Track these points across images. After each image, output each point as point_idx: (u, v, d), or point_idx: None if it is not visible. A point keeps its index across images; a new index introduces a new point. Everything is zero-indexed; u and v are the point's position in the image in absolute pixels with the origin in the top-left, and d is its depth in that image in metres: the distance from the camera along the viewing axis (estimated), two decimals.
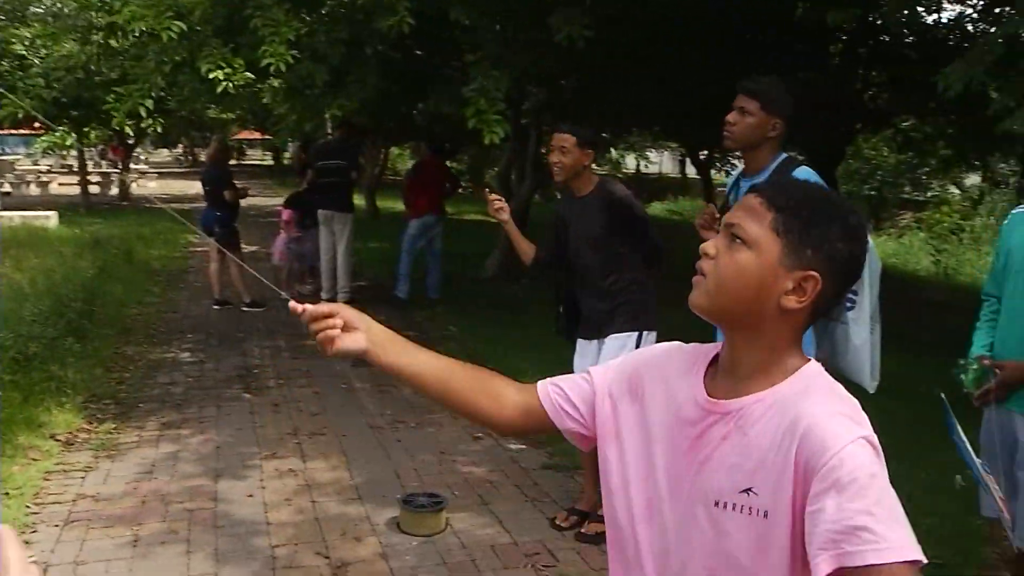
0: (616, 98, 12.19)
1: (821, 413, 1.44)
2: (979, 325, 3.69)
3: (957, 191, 25.92)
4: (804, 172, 3.87)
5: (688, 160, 28.95)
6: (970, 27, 12.59)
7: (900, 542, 1.32)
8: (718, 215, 3.95)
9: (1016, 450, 3.47)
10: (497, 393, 1.79)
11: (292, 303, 1.71)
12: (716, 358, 1.65)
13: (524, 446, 6.14)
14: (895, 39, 13.04)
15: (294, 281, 11.32)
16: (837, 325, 4.09)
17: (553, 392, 1.76)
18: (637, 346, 4.61)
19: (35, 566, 0.90)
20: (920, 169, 24.43)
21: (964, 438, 3.29)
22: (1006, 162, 20.52)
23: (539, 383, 1.78)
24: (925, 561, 1.31)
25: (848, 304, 4.06)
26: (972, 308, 3.82)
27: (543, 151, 14.46)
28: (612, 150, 29.47)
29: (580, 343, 4.91)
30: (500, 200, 4.71)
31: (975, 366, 3.47)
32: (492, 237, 13.92)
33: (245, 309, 10.82)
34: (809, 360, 1.57)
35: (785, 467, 1.44)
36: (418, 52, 10.44)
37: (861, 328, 4.03)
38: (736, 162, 30.18)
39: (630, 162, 34.85)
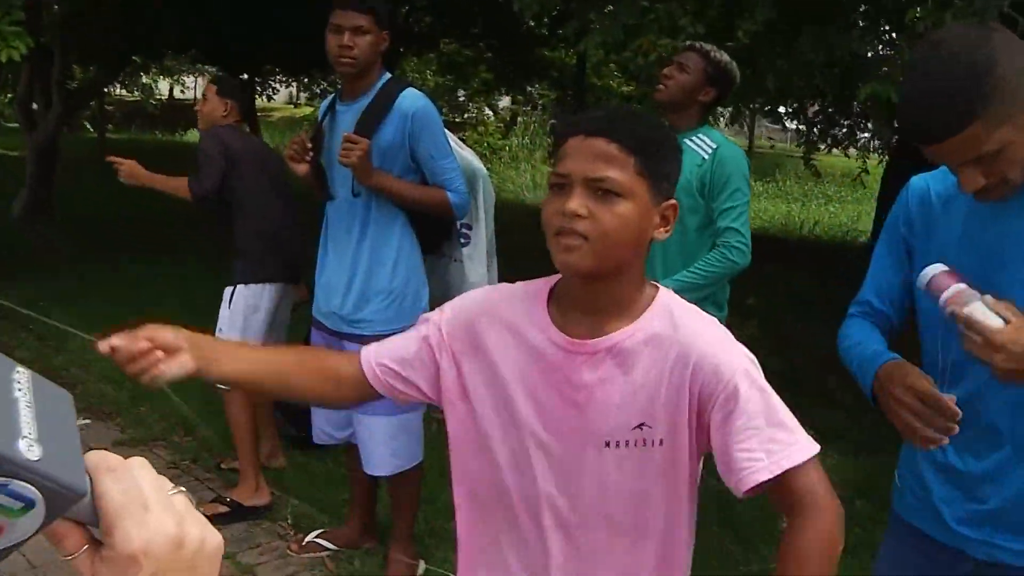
0: (151, 16, 11.02)
1: (704, 344, 1.56)
2: None
3: (491, 113, 27.17)
4: (415, 93, 3.43)
5: None
6: None
7: (804, 439, 1.51)
8: (309, 145, 3.41)
9: None
10: (334, 374, 1.75)
11: (100, 344, 1.51)
12: (551, 294, 1.66)
13: (88, 420, 5.24)
14: None
15: None
16: (451, 263, 3.78)
17: (380, 372, 1.70)
18: (229, 303, 4.16)
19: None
20: (457, 92, 25.21)
21: None
22: (533, 86, 21.67)
23: (363, 357, 1.73)
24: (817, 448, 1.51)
25: (463, 240, 3.76)
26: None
27: (70, 75, 12.87)
28: (143, 76, 27.40)
29: None
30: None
31: None
32: (17, 173, 12.19)
33: None
34: (656, 285, 1.65)
35: (680, 397, 1.54)
36: None
37: (477, 265, 3.77)
38: (278, 87, 29.45)
39: (164, 88, 32.79)
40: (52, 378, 2.97)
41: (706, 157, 3.41)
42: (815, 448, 1.50)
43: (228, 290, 4.19)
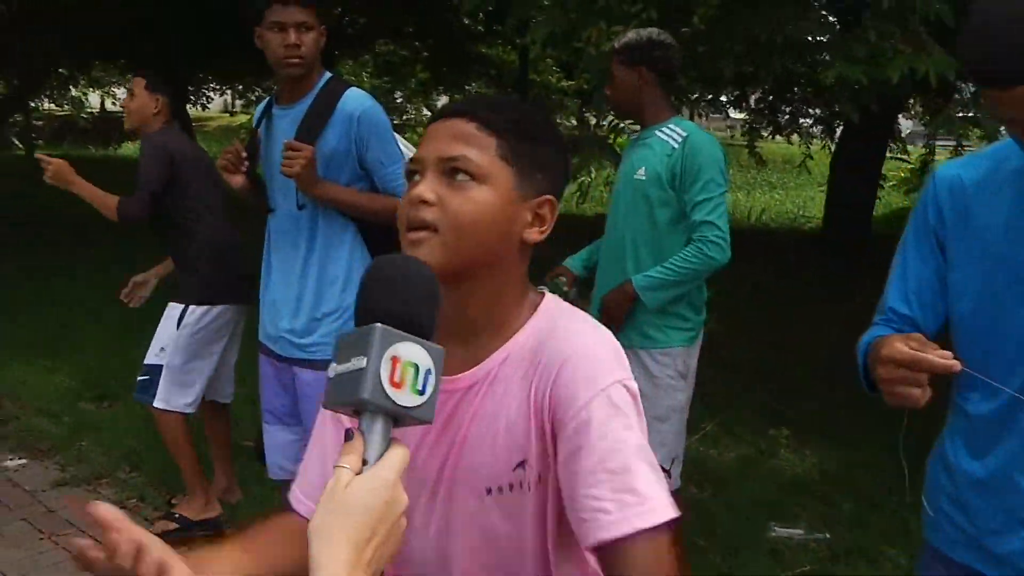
0: (75, 23, 10.61)
1: (571, 353, 1.29)
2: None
3: (430, 114, 26.92)
4: (359, 94, 3.16)
5: None
6: None
7: (658, 502, 1.20)
8: (244, 154, 3.12)
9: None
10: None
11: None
12: None
13: (24, 460, 4.89)
14: None
15: None
16: None
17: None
18: (179, 322, 3.93)
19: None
20: (395, 93, 24.91)
21: None
22: (471, 85, 21.45)
23: (297, 507, 1.44)
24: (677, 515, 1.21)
25: None
26: None
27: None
28: (72, 88, 26.68)
29: None
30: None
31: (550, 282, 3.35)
32: None
33: None
34: (543, 292, 1.42)
35: (544, 421, 1.28)
36: None
37: None
38: (212, 95, 28.84)
39: (94, 100, 31.89)
40: None
41: (676, 147, 3.20)
42: (671, 512, 1.20)
43: (176, 307, 3.96)
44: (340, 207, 3.07)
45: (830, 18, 6.04)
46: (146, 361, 3.98)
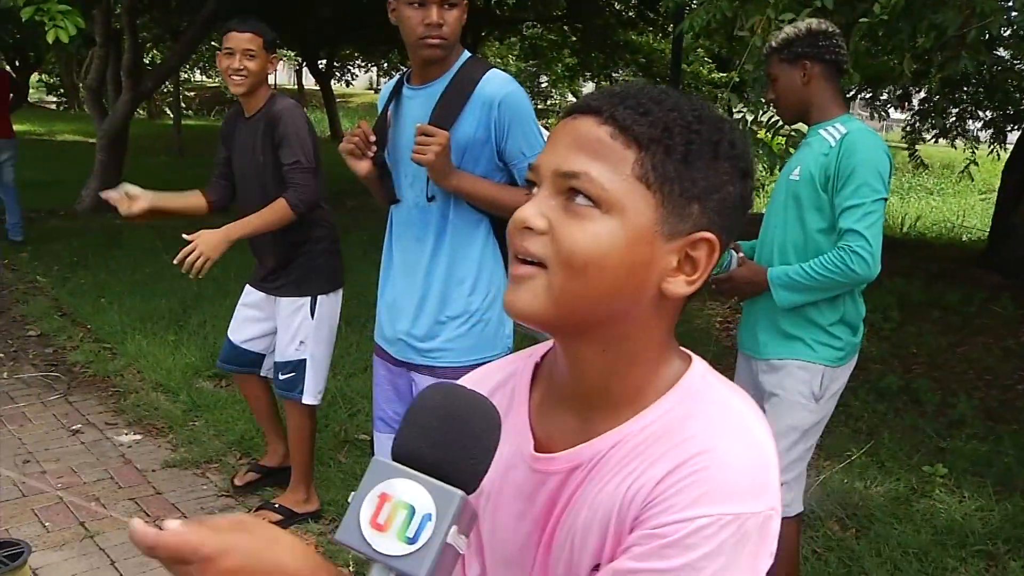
0: None
1: (705, 451, 0.94)
2: None
3: (574, 99, 26.70)
4: (502, 76, 2.84)
5: (306, 70, 27.44)
6: None
7: None
8: (372, 137, 2.81)
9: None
10: None
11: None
12: (537, 371, 1.14)
13: (139, 436, 4.79)
14: None
15: None
16: None
17: None
18: (312, 313, 3.76)
19: None
20: (540, 77, 24.70)
21: None
22: (619, 72, 21.10)
23: None
24: None
25: None
26: None
27: (140, 60, 12.63)
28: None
29: (247, 287, 4.00)
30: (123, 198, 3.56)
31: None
32: (85, 161, 11.97)
33: None
34: (689, 359, 1.06)
35: (625, 518, 0.97)
36: None
37: None
38: (357, 71, 29.11)
39: None
40: (106, 385, 2.42)
41: (833, 145, 2.83)
42: None
43: (305, 300, 3.75)
44: (474, 200, 2.76)
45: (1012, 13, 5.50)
46: (284, 358, 3.79)
